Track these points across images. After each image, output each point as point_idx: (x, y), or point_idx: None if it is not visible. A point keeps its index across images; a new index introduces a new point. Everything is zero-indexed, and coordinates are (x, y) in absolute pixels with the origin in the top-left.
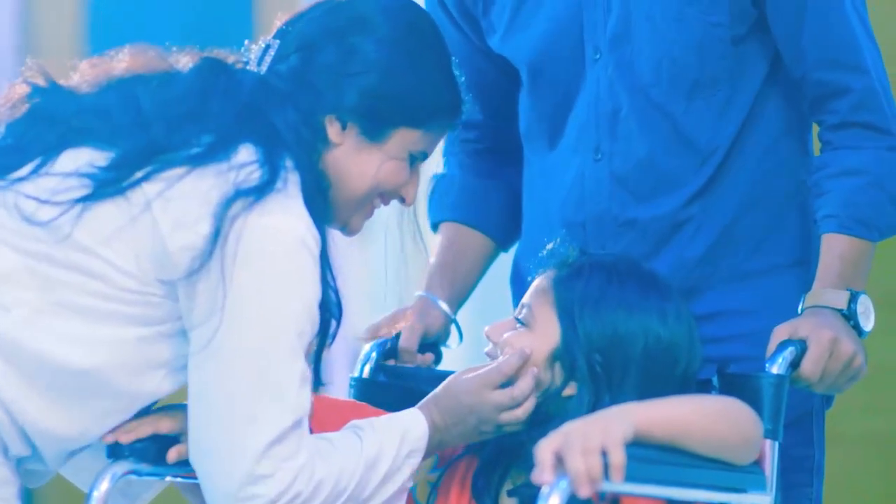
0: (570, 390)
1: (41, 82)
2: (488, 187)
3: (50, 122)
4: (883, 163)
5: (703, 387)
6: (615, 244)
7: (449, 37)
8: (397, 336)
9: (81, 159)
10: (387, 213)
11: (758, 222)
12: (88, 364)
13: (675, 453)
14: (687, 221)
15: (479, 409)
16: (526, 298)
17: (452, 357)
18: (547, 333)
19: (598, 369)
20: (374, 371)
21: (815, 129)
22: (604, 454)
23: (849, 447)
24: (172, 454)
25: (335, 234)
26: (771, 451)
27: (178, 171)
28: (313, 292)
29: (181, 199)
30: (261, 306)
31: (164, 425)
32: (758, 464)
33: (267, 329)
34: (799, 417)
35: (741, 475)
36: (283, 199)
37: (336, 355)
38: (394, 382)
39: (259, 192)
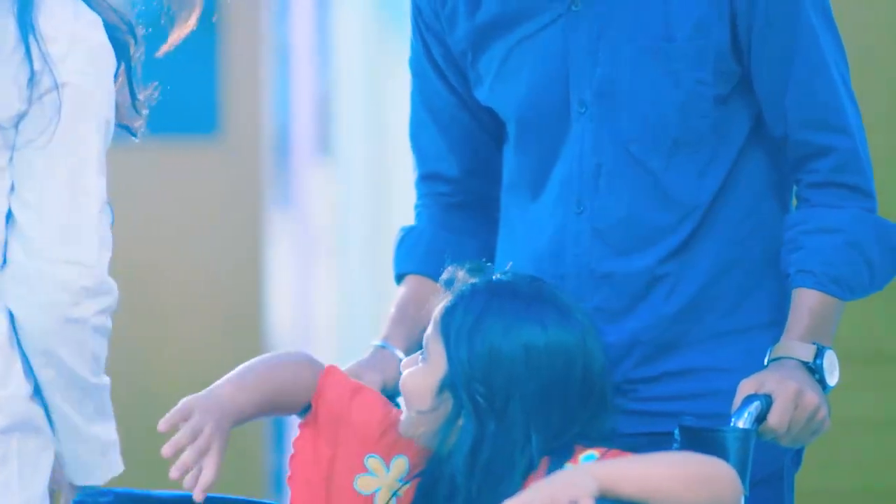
0: (462, 421)
1: None
2: (458, 242)
3: None
4: (861, 223)
5: (664, 440)
6: (592, 297)
7: (432, 87)
8: None
9: None
10: (359, 238)
11: (736, 282)
12: None
13: None
14: (664, 277)
15: None
16: (427, 329)
17: None
18: (438, 365)
19: (478, 398)
20: None
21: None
22: None
23: (809, 503)
24: None
25: (301, 255)
26: None
27: None
28: (110, 86)
29: None
30: (77, 112)
31: None
32: None
33: (78, 135)
34: (770, 475)
35: None
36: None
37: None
38: None
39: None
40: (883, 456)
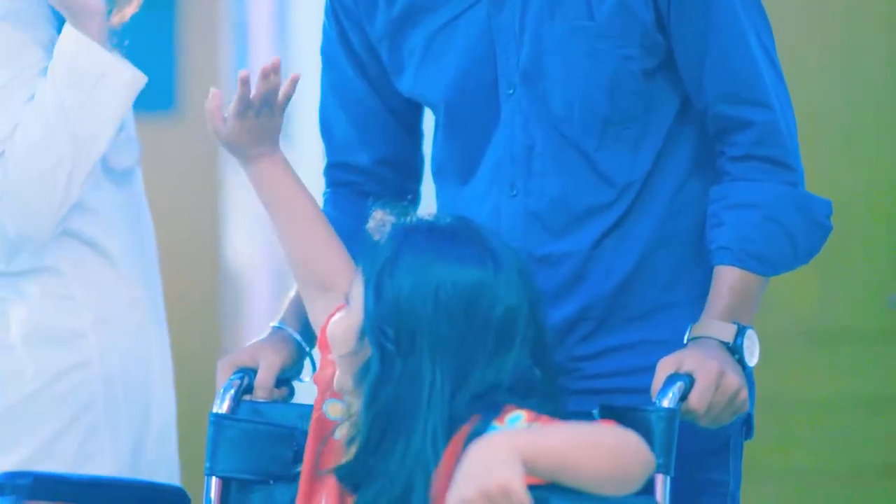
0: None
1: None
2: (360, 230)
3: None
4: (781, 197)
5: (584, 419)
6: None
7: (344, 75)
8: (254, 371)
9: None
10: None
11: (672, 256)
12: None
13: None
14: (601, 255)
15: None
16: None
17: (305, 390)
18: (359, 308)
19: (385, 339)
20: (233, 406)
21: None
22: None
23: (766, 481)
24: None
25: (258, 230)
26: (663, 486)
27: None
28: None
29: None
30: None
31: None
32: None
33: None
34: (719, 446)
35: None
36: None
37: None
38: (253, 418)
39: None
40: (842, 435)
